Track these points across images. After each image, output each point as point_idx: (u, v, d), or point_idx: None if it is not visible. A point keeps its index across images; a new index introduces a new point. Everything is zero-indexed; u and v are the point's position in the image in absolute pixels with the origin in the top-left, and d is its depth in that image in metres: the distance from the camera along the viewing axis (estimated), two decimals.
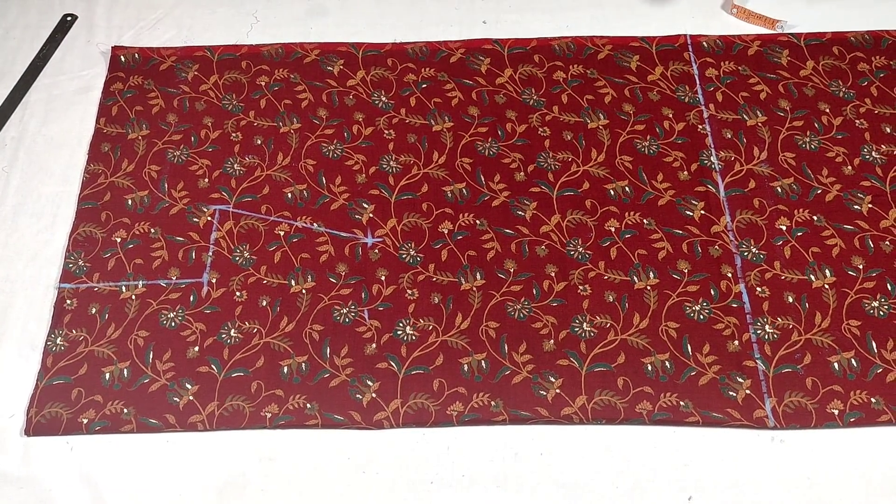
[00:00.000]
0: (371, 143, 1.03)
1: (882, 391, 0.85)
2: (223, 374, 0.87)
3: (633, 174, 1.00)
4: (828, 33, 1.12)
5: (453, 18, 1.17)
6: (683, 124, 1.04)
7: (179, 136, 1.04)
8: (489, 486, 0.82)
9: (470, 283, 0.93)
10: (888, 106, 1.05)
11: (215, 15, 1.18)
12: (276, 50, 1.12)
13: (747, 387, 0.86)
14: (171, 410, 0.85)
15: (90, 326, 0.90)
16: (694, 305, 0.91)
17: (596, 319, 0.90)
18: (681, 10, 1.16)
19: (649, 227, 0.96)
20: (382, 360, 0.88)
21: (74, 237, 0.96)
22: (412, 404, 0.86)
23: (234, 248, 0.96)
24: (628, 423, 0.85)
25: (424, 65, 1.10)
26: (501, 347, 0.89)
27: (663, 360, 0.88)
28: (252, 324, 0.90)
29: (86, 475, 0.83)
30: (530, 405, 0.85)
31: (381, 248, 0.95)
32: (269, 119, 1.06)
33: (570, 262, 0.94)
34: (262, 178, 1.01)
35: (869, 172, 1.00)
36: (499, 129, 1.04)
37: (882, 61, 1.09)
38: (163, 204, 0.99)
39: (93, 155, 1.03)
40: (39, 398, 0.86)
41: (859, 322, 0.89)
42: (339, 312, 0.91)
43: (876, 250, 0.94)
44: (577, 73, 1.09)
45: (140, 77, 1.10)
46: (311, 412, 0.85)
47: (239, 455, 0.84)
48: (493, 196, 0.99)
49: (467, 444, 0.84)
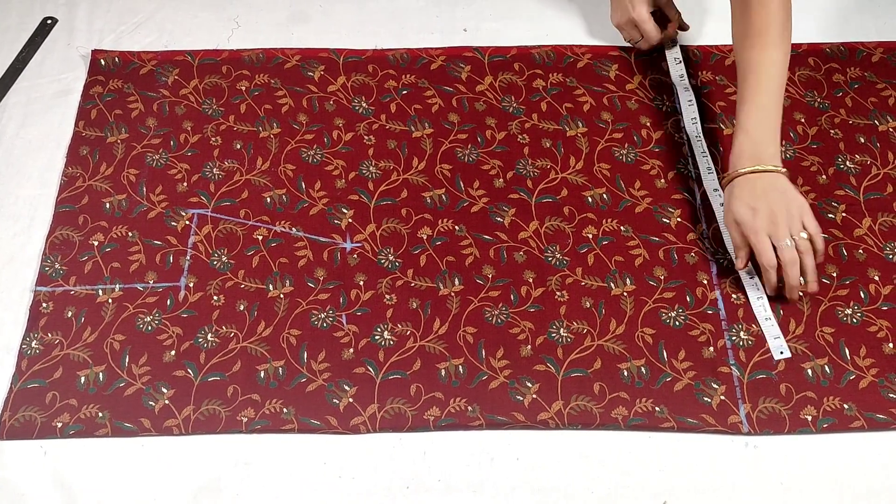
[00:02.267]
0: (351, 148, 1.04)
1: (855, 398, 0.86)
2: (199, 379, 0.87)
3: (611, 182, 1.01)
4: (803, 45, 1.13)
5: (434, 26, 1.17)
6: (661, 133, 1.05)
7: (159, 140, 1.04)
8: (465, 491, 0.82)
9: (448, 289, 0.93)
10: (862, 116, 1.06)
11: (197, 20, 1.18)
12: (257, 55, 1.12)
13: (722, 392, 0.86)
14: (146, 414, 0.85)
15: (66, 330, 0.90)
16: (670, 312, 0.92)
17: (573, 325, 0.91)
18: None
19: (626, 234, 0.97)
20: (360, 364, 0.88)
21: (51, 240, 0.96)
22: (389, 409, 0.86)
23: (212, 252, 0.95)
24: (604, 428, 0.85)
25: (405, 71, 1.11)
26: (479, 353, 0.89)
27: (639, 365, 0.88)
28: (229, 328, 0.90)
29: (59, 479, 0.82)
30: (507, 410, 0.85)
31: (359, 253, 0.96)
32: (248, 124, 1.06)
33: (547, 269, 0.94)
34: (241, 182, 1.01)
35: (843, 182, 1.01)
36: (478, 135, 1.05)
37: (856, 72, 1.11)
38: (141, 208, 0.99)
39: (71, 158, 1.03)
40: (13, 401, 0.86)
41: (833, 329, 0.90)
42: (316, 317, 0.91)
43: (849, 258, 0.95)
44: (557, 81, 1.10)
45: (120, 81, 1.10)
46: (288, 417, 0.85)
47: (214, 460, 0.84)
48: (472, 202, 0.99)
49: (444, 449, 0.84)
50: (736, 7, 0.95)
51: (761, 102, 0.90)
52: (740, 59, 0.94)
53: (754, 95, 0.91)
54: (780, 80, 0.91)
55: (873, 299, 0.92)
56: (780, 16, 0.92)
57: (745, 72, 0.93)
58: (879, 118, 1.06)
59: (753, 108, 0.91)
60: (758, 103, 0.90)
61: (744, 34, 0.93)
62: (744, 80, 0.92)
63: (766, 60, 0.91)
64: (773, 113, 0.91)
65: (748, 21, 0.92)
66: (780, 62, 0.92)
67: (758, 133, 0.90)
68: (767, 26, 0.91)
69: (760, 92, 0.91)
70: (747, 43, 0.92)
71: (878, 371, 0.88)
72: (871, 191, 1.00)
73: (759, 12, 0.92)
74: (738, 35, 0.95)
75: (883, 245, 0.96)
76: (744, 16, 0.93)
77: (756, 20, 0.92)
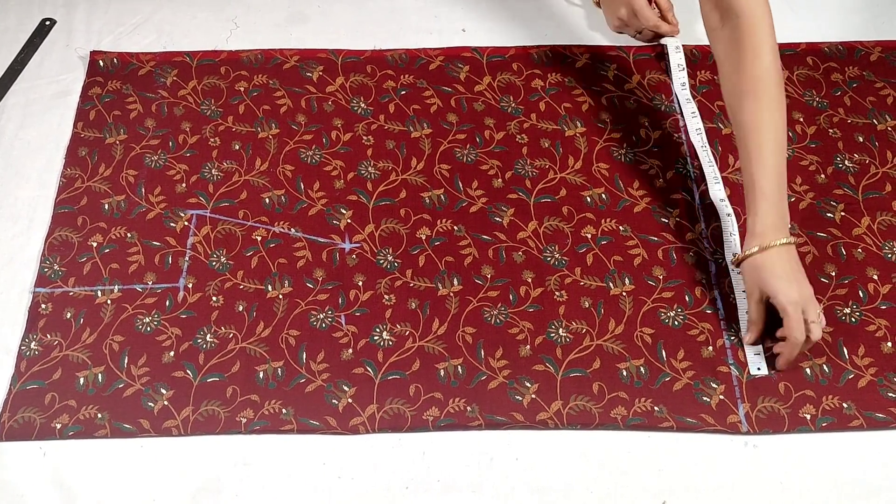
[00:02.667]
0: (349, 149, 1.04)
1: (853, 397, 0.86)
2: (198, 380, 0.87)
3: (610, 181, 1.01)
4: (802, 44, 1.13)
5: (433, 26, 1.17)
6: (659, 133, 1.05)
7: (157, 140, 1.04)
8: (464, 491, 0.82)
9: (447, 289, 0.93)
10: (860, 115, 1.06)
11: (195, 21, 1.18)
12: (255, 56, 1.12)
13: (721, 392, 0.86)
14: (145, 415, 0.85)
15: (65, 331, 0.90)
16: (669, 311, 0.92)
17: (572, 325, 0.91)
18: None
19: (625, 234, 0.97)
20: (359, 365, 0.88)
21: (50, 241, 0.96)
22: (388, 409, 0.86)
23: (211, 252, 0.95)
24: (603, 428, 0.85)
25: (403, 72, 1.11)
26: (478, 353, 0.89)
27: (638, 365, 0.88)
28: (228, 329, 0.90)
29: (59, 480, 0.82)
30: (506, 410, 0.85)
31: (358, 253, 0.96)
32: (247, 124, 1.06)
33: (546, 269, 0.94)
34: (239, 183, 1.01)
35: (842, 181, 1.01)
36: (477, 136, 1.05)
37: (855, 72, 1.11)
38: (140, 209, 0.99)
39: (70, 159, 1.03)
40: (12, 403, 0.86)
41: (831, 328, 0.90)
42: (315, 318, 0.91)
43: (848, 257, 0.95)
44: (555, 81, 1.10)
45: (118, 82, 1.10)
46: (287, 417, 0.85)
47: (214, 460, 0.84)
48: (471, 202, 0.99)
49: (443, 449, 0.84)
50: (725, 63, 0.91)
51: (772, 163, 0.86)
52: (739, 118, 0.88)
53: (763, 154, 0.86)
54: (784, 138, 0.87)
55: (872, 298, 0.92)
56: (775, 70, 0.87)
57: (747, 131, 0.87)
58: (878, 117, 1.06)
59: (767, 170, 0.85)
60: (771, 165, 0.85)
61: (739, 92, 0.88)
62: (746, 139, 0.87)
63: (768, 118, 0.87)
64: (784, 178, 0.86)
65: (742, 76, 0.88)
66: (781, 119, 0.87)
67: (777, 198, 0.85)
68: (764, 81, 0.87)
69: (767, 151, 0.86)
70: (745, 101, 0.87)
71: (876, 370, 0.88)
72: (870, 190, 1.00)
73: (754, 66, 0.87)
74: (731, 92, 0.90)
75: (882, 244, 0.96)
76: (737, 72, 0.88)
77: (750, 75, 0.87)
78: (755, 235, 0.85)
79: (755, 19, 0.88)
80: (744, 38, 0.88)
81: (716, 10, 0.91)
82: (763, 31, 0.88)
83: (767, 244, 0.84)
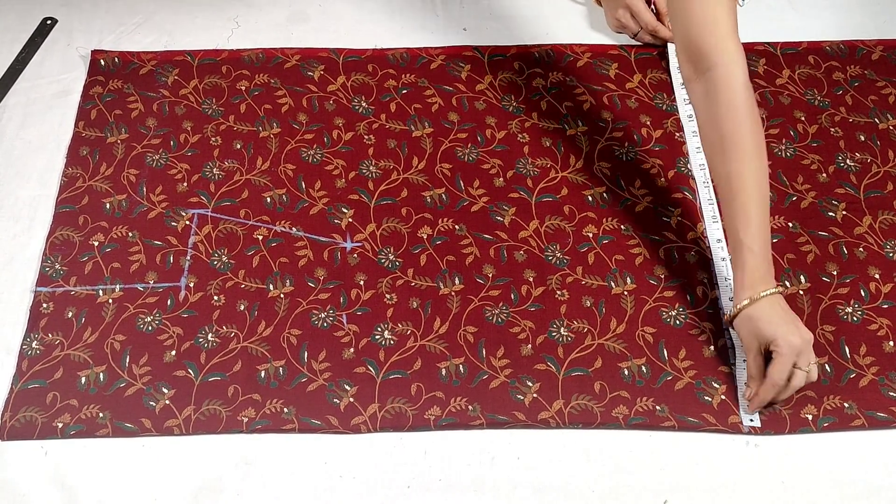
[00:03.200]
0: (351, 148, 1.04)
1: (855, 396, 0.86)
2: (200, 379, 0.87)
3: (612, 180, 1.01)
4: (803, 43, 1.13)
5: (434, 25, 1.17)
6: (661, 132, 1.05)
7: (158, 140, 1.04)
8: (466, 491, 0.82)
9: (448, 288, 0.93)
10: (862, 114, 1.06)
11: (196, 20, 1.18)
12: (256, 55, 1.12)
13: (722, 392, 0.86)
14: (147, 415, 0.85)
15: (66, 330, 0.90)
16: (670, 311, 0.91)
17: (573, 324, 0.91)
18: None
19: (627, 233, 0.97)
20: (360, 364, 0.88)
21: (51, 241, 0.96)
22: (390, 409, 0.86)
23: (213, 252, 0.95)
24: (605, 427, 0.85)
25: (405, 71, 1.11)
26: (479, 352, 0.89)
27: (640, 364, 0.88)
28: (229, 328, 0.90)
29: (60, 480, 0.82)
30: (507, 409, 0.85)
31: (359, 252, 0.96)
32: (248, 124, 1.06)
33: (548, 268, 0.94)
34: (241, 182, 1.01)
35: (843, 180, 1.01)
36: (478, 135, 1.05)
37: (856, 70, 1.11)
38: (141, 208, 0.99)
39: (71, 158, 1.03)
40: (14, 402, 0.86)
41: (833, 327, 0.90)
42: (317, 317, 0.91)
43: (850, 256, 0.95)
44: (557, 80, 1.10)
45: (120, 81, 1.10)
46: (289, 416, 0.85)
47: (215, 459, 0.83)
48: (473, 201, 0.99)
49: (444, 448, 0.84)
50: (701, 116, 0.89)
51: (758, 222, 0.84)
52: (719, 171, 0.87)
53: (747, 212, 0.84)
54: (766, 193, 0.85)
55: (874, 297, 0.92)
56: (751, 121, 0.85)
57: (728, 186, 0.85)
58: (879, 116, 1.06)
59: (752, 227, 0.84)
60: (755, 222, 0.84)
61: (718, 147, 0.86)
62: (730, 195, 0.85)
63: (748, 172, 0.84)
64: (768, 231, 0.85)
65: (719, 131, 0.85)
66: (761, 172, 0.85)
67: (763, 252, 0.84)
68: (741, 135, 0.85)
69: (752, 207, 0.84)
70: (724, 156, 0.85)
71: (878, 369, 0.88)
72: (872, 189, 1.00)
73: (728, 121, 0.85)
74: (709, 145, 0.88)
75: (883, 243, 0.96)
76: (713, 126, 0.86)
77: (727, 129, 0.85)
78: (745, 288, 0.83)
79: (729, 69, 0.85)
80: (718, 91, 0.85)
81: (689, 61, 0.88)
82: (737, 82, 0.85)
83: (758, 295, 0.82)
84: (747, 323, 0.83)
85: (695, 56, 0.88)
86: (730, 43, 0.86)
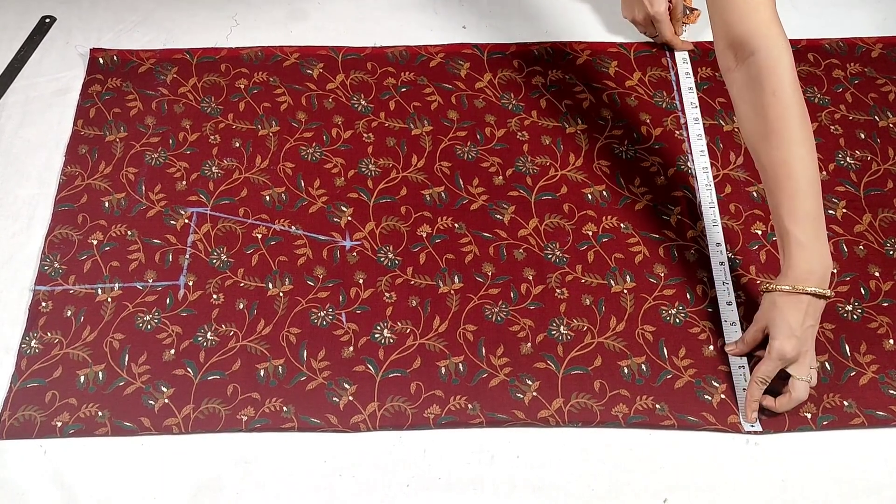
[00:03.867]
0: (350, 146, 1.04)
1: (855, 395, 0.86)
2: (199, 378, 0.87)
3: (611, 178, 1.01)
4: (803, 40, 1.13)
5: (433, 23, 1.17)
6: (661, 129, 1.05)
7: (157, 138, 1.04)
8: (465, 489, 0.82)
9: (448, 287, 0.93)
10: (862, 112, 1.06)
11: (195, 18, 1.18)
12: (255, 53, 1.12)
13: (722, 391, 0.86)
14: (146, 413, 0.85)
15: (65, 329, 0.90)
16: (670, 309, 0.91)
17: (573, 323, 0.91)
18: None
19: (626, 231, 0.97)
20: (360, 363, 0.88)
21: (50, 239, 0.96)
22: (389, 407, 0.86)
23: (212, 250, 0.95)
24: (604, 425, 0.85)
25: (404, 69, 1.11)
26: (479, 350, 0.89)
27: (639, 363, 0.88)
28: (229, 327, 0.90)
29: (59, 478, 0.82)
30: (507, 408, 0.85)
31: (359, 251, 0.96)
32: (247, 122, 1.06)
33: (547, 266, 0.94)
34: (240, 180, 1.01)
35: (843, 178, 1.01)
36: (478, 133, 1.05)
37: (856, 68, 1.11)
38: (140, 206, 0.98)
39: (70, 157, 1.02)
40: (13, 401, 0.86)
41: (833, 325, 0.90)
42: (316, 315, 0.91)
43: (850, 254, 0.95)
44: (556, 78, 1.10)
45: (118, 79, 1.10)
46: (288, 415, 0.85)
47: (214, 458, 0.83)
48: (472, 200, 0.99)
49: (444, 446, 0.84)
50: (743, 105, 0.85)
51: (807, 209, 0.81)
52: (765, 160, 0.83)
53: (796, 201, 0.81)
54: (817, 180, 0.81)
55: (874, 295, 0.92)
56: (798, 107, 0.82)
57: (775, 175, 0.82)
58: (879, 114, 1.06)
59: (801, 216, 0.80)
60: (805, 210, 0.80)
61: (762, 134, 0.83)
62: (777, 183, 0.82)
63: (797, 159, 0.81)
64: (821, 220, 0.81)
65: (764, 118, 0.82)
66: (811, 158, 0.81)
67: (813, 246, 0.81)
68: (787, 120, 0.81)
69: (801, 196, 0.80)
70: (769, 144, 0.82)
71: (878, 367, 0.88)
72: (872, 187, 1.00)
73: (774, 106, 0.81)
74: (754, 135, 0.84)
75: (883, 241, 0.96)
76: (757, 114, 0.83)
77: (772, 115, 0.81)
78: (787, 277, 0.81)
79: (773, 53, 0.82)
80: (762, 76, 0.82)
81: (729, 48, 0.85)
82: (783, 67, 0.82)
83: (798, 288, 0.80)
84: (770, 304, 0.83)
85: (736, 43, 0.84)
86: (773, 27, 0.84)
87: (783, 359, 0.81)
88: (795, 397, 0.82)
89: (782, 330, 0.81)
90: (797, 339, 0.81)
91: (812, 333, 0.82)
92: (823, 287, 0.81)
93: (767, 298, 0.83)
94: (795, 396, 0.82)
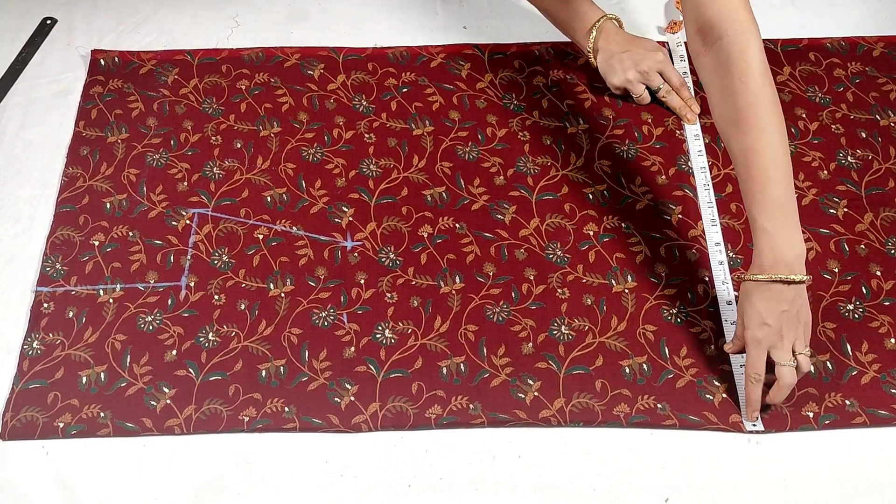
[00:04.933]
0: (351, 146, 1.04)
1: (857, 394, 0.86)
2: (201, 378, 0.87)
3: (612, 178, 1.01)
4: (804, 39, 1.13)
5: (434, 24, 1.17)
6: (662, 129, 1.05)
7: (159, 139, 1.04)
8: (467, 489, 0.82)
9: (449, 287, 0.93)
10: (863, 111, 1.06)
11: (196, 19, 1.18)
12: (256, 54, 1.12)
13: (723, 390, 0.86)
14: (147, 414, 0.85)
15: (67, 330, 0.90)
16: (671, 309, 0.91)
17: (574, 322, 0.91)
18: (657, 17, 1.17)
19: (627, 231, 0.97)
20: (361, 363, 0.88)
21: (52, 240, 0.96)
22: (391, 407, 0.86)
23: (213, 251, 0.95)
24: (606, 425, 0.85)
25: (405, 69, 1.11)
26: (480, 350, 0.89)
27: (641, 362, 0.88)
28: (230, 327, 0.90)
29: (61, 479, 0.82)
30: (509, 408, 0.85)
31: (360, 251, 0.96)
32: (249, 123, 1.06)
33: (548, 266, 0.94)
34: (241, 181, 1.01)
35: (845, 177, 1.01)
36: (479, 133, 1.05)
37: (857, 67, 1.10)
38: (141, 207, 0.99)
39: (71, 158, 1.03)
40: (15, 402, 0.86)
41: (835, 325, 0.90)
42: (317, 316, 0.91)
43: (851, 254, 0.95)
44: (557, 78, 1.10)
45: (120, 80, 1.10)
46: (289, 416, 0.85)
47: (216, 459, 0.84)
48: (473, 200, 0.99)
49: (445, 446, 0.84)
50: (713, 90, 0.84)
51: (774, 197, 0.79)
52: (734, 147, 0.82)
53: (764, 189, 0.79)
54: (787, 167, 0.80)
55: (875, 294, 0.92)
56: (767, 93, 0.80)
57: (745, 162, 0.81)
58: (881, 113, 1.06)
59: (768, 205, 0.79)
60: (771, 198, 0.79)
61: (731, 120, 0.82)
62: (746, 171, 0.81)
63: (764, 145, 0.80)
64: (791, 207, 0.80)
65: (733, 104, 0.81)
66: (780, 144, 0.80)
67: (780, 234, 0.79)
68: (756, 107, 0.80)
69: (769, 184, 0.79)
70: (738, 129, 0.81)
71: (880, 367, 0.88)
72: (873, 186, 1.00)
73: (742, 93, 0.80)
74: (723, 121, 0.83)
75: (885, 240, 0.96)
76: (726, 99, 0.82)
77: (741, 102, 0.80)
78: (755, 266, 0.81)
79: (741, 38, 0.81)
80: (730, 61, 0.81)
81: (699, 32, 0.84)
82: (751, 51, 0.81)
83: (767, 276, 0.80)
84: (743, 295, 0.83)
85: (705, 26, 0.83)
86: (742, 12, 0.82)
87: (758, 347, 0.81)
88: (784, 384, 0.81)
89: (752, 319, 0.81)
90: (768, 326, 0.80)
91: (788, 318, 0.80)
92: (795, 273, 0.79)
93: (742, 289, 0.83)
94: (783, 383, 0.81)
